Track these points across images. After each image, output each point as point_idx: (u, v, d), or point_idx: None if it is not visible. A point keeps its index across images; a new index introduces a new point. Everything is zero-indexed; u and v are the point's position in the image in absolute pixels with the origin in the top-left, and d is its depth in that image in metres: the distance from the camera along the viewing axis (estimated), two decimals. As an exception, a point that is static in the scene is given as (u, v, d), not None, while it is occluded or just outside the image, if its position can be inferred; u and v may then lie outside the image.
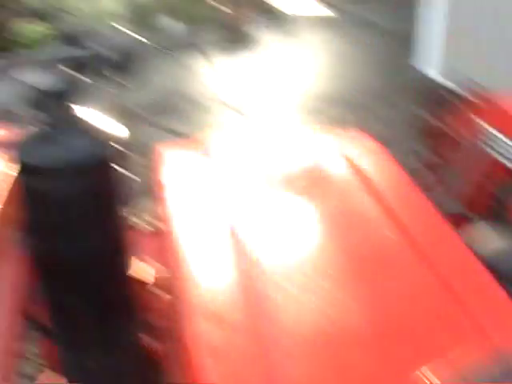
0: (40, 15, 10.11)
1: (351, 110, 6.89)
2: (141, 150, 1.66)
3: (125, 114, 1.46)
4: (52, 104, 1.32)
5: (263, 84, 7.85)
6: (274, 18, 11.15)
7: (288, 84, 7.86)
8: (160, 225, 1.71)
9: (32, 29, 9.45)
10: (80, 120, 1.37)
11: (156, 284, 1.70)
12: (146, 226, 1.94)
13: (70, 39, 1.40)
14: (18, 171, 1.47)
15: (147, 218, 1.92)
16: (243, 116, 6.69)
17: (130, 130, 1.49)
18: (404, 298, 1.21)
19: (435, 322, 1.15)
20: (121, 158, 1.42)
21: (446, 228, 1.42)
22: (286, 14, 11.29)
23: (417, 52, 7.11)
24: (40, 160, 1.32)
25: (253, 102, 6.87)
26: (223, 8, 10.83)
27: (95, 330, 1.47)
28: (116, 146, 1.38)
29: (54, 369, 2.24)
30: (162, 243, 1.66)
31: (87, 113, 1.40)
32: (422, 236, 1.38)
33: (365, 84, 7.53)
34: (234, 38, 10.05)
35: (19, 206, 1.68)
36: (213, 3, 10.93)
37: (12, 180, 1.61)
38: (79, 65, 1.39)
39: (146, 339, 1.62)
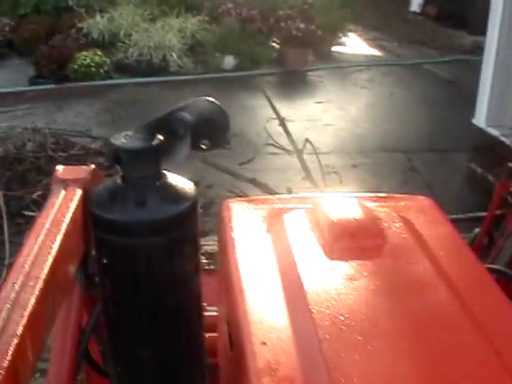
0: (101, 45, 10.37)
1: (404, 157, 6.90)
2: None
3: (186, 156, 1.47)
4: (129, 160, 1.35)
5: (316, 125, 7.91)
6: (331, 60, 11.24)
7: (341, 126, 7.90)
8: (219, 271, 1.75)
9: (92, 58, 9.65)
10: (154, 177, 1.38)
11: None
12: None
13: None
14: (88, 218, 1.50)
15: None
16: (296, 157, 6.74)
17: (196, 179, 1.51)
18: (460, 371, 1.22)
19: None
20: (191, 215, 1.43)
21: (501, 296, 1.44)
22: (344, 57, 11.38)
23: (479, 107, 6.99)
24: (111, 214, 1.35)
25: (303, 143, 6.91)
26: (280, 47, 10.96)
27: (158, 380, 1.48)
28: (186, 203, 1.39)
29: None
30: (224, 290, 1.69)
31: (162, 171, 1.41)
32: (476, 303, 1.39)
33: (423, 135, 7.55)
34: (292, 77, 10.14)
35: (85, 243, 1.72)
36: (272, 44, 11.06)
37: (79, 219, 1.65)
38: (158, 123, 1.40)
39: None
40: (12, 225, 5.23)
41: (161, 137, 1.37)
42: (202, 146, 1.44)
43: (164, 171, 1.41)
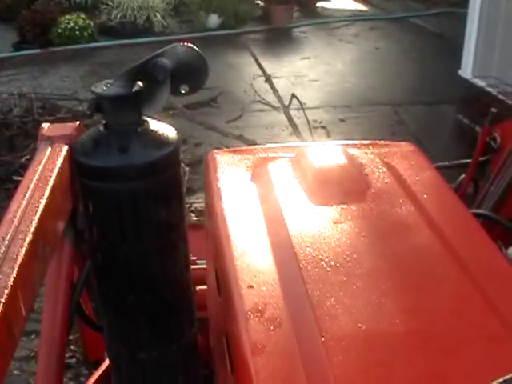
0: (84, 9, 10.28)
1: (391, 111, 6.90)
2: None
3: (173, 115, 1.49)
4: (110, 107, 1.36)
5: (303, 80, 7.89)
6: (316, 15, 11.19)
7: (328, 81, 7.89)
8: (206, 223, 1.77)
9: (75, 22, 9.57)
10: (136, 123, 1.39)
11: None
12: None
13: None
14: (74, 168, 1.51)
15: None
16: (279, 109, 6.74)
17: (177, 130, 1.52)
18: (443, 307, 1.24)
19: (474, 331, 1.20)
20: (173, 160, 1.44)
21: (486, 238, 1.46)
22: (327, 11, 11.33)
23: (465, 58, 6.99)
24: (95, 160, 1.36)
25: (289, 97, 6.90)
26: (264, 4, 10.89)
27: (148, 326, 1.50)
28: (169, 148, 1.39)
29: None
30: (207, 239, 1.71)
31: (143, 116, 1.42)
32: (461, 245, 1.41)
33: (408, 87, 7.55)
34: (277, 34, 10.10)
35: (73, 200, 1.73)
36: (256, 1, 10.99)
37: (65, 174, 1.66)
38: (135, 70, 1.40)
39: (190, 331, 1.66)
40: (1, 190, 5.23)
41: (141, 83, 1.38)
42: (182, 91, 1.45)
43: (145, 117, 1.42)
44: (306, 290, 1.24)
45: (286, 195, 1.55)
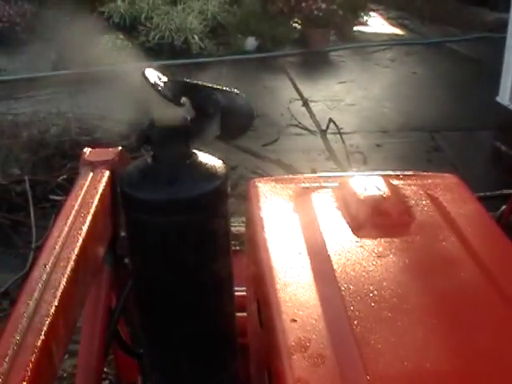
0: (122, 29, 10.36)
1: (428, 136, 6.86)
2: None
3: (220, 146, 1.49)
4: (160, 139, 1.35)
5: (339, 105, 7.88)
6: (353, 40, 11.18)
7: (364, 106, 7.87)
8: (247, 251, 1.75)
9: (114, 42, 9.65)
10: (184, 156, 1.38)
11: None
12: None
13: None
14: (120, 199, 1.51)
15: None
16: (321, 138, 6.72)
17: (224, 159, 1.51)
18: (490, 346, 1.22)
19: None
20: (221, 194, 1.43)
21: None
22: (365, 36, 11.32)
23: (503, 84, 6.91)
24: (143, 193, 1.35)
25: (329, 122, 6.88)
26: (301, 28, 10.92)
27: (190, 357, 1.49)
28: (217, 181, 1.39)
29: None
30: (248, 267, 1.70)
31: (190, 147, 1.41)
32: (505, 280, 1.39)
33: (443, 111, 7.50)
34: (314, 58, 10.11)
35: (113, 225, 1.73)
36: (293, 24, 11.02)
37: (107, 200, 1.66)
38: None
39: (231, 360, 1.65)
40: (38, 209, 5.26)
41: (185, 98, 1.37)
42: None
43: (194, 150, 1.41)
44: (351, 325, 1.22)
45: (329, 226, 1.53)
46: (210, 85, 1.42)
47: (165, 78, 1.41)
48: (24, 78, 9.28)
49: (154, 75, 1.39)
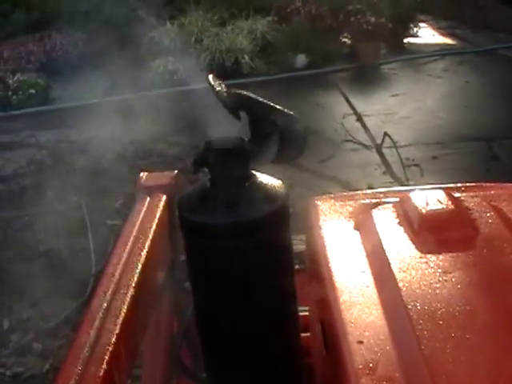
0: (172, 52, 10.45)
1: (485, 146, 6.76)
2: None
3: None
4: (217, 161, 1.33)
5: (393, 118, 7.82)
6: (403, 51, 11.12)
7: (419, 118, 7.80)
8: (308, 270, 1.73)
9: (165, 66, 9.74)
10: (243, 178, 1.36)
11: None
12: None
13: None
14: (178, 224, 1.49)
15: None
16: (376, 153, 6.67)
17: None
18: None
19: None
20: (283, 215, 1.41)
21: None
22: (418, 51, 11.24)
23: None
24: (202, 217, 1.33)
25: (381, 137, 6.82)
26: (351, 42, 10.90)
27: (255, 381, 1.46)
28: (277, 203, 1.36)
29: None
30: (310, 286, 1.67)
31: (249, 169, 1.39)
32: None
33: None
34: (365, 72, 10.07)
35: (172, 250, 1.72)
36: (343, 39, 11.01)
37: (165, 225, 1.65)
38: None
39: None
40: (96, 234, 5.30)
41: (243, 113, 1.36)
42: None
43: (252, 171, 1.39)
44: (419, 345, 1.18)
45: (392, 243, 1.49)
46: (269, 102, 1.40)
47: (225, 88, 1.40)
48: (77, 106, 9.39)
49: (216, 82, 1.38)
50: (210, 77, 1.39)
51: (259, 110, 1.38)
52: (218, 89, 1.37)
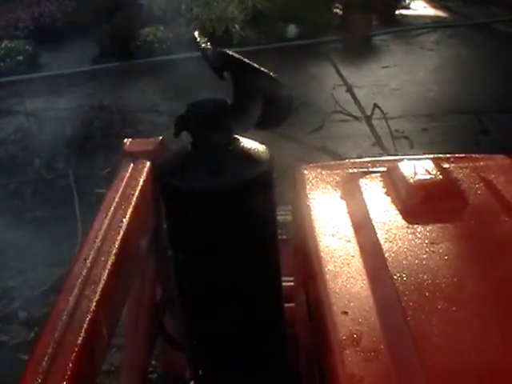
0: (162, 21, 10.37)
1: (475, 119, 6.74)
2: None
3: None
4: (199, 124, 1.30)
5: (384, 90, 7.80)
6: (395, 23, 11.08)
7: (409, 90, 7.77)
8: (294, 240, 1.71)
9: (154, 35, 9.68)
10: (226, 142, 1.33)
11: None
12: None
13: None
14: (159, 189, 1.46)
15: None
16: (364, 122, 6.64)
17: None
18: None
19: None
20: (266, 181, 1.38)
21: None
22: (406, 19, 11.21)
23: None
24: (183, 182, 1.30)
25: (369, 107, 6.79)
26: (343, 13, 10.85)
27: (237, 348, 1.44)
28: (261, 168, 1.34)
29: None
30: (295, 257, 1.65)
31: (232, 133, 1.36)
32: None
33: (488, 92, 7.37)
34: (356, 43, 10.03)
35: (155, 217, 1.69)
36: (335, 10, 10.95)
37: (148, 191, 1.63)
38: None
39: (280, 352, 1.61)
40: (83, 203, 5.27)
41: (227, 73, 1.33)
42: None
43: (236, 135, 1.36)
44: (405, 317, 1.16)
45: (379, 213, 1.47)
46: (255, 65, 1.37)
47: (210, 46, 1.36)
48: (66, 73, 9.33)
49: (202, 39, 1.34)
50: (196, 33, 1.35)
51: (244, 70, 1.35)
52: (203, 45, 1.34)
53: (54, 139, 6.35)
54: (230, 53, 1.38)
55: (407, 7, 11.70)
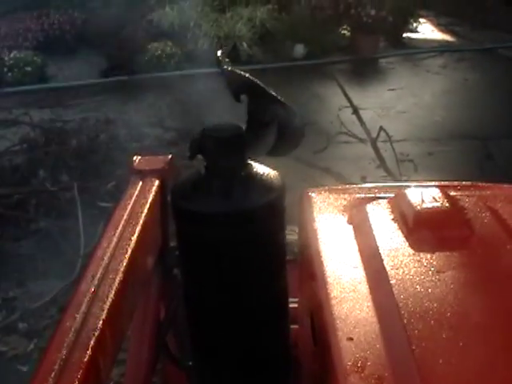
0: (171, 36, 10.41)
1: (480, 145, 6.75)
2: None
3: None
4: (214, 149, 1.30)
5: (389, 112, 7.81)
6: (402, 46, 11.10)
7: (415, 113, 7.78)
8: (300, 262, 1.71)
9: (163, 49, 9.70)
10: (239, 167, 1.34)
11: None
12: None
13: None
14: (168, 205, 1.47)
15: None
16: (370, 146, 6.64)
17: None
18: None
19: None
20: (277, 207, 1.39)
21: None
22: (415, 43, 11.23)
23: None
24: (195, 205, 1.31)
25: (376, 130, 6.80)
26: (350, 34, 10.88)
27: (242, 371, 1.45)
28: (273, 194, 1.35)
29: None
30: (300, 279, 1.66)
31: (245, 158, 1.37)
32: None
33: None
34: (363, 64, 10.05)
35: (162, 236, 1.70)
36: (342, 31, 10.98)
37: (156, 210, 1.63)
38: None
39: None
40: (86, 216, 5.27)
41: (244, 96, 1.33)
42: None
43: (249, 161, 1.37)
44: (410, 345, 1.17)
45: (386, 240, 1.48)
46: (272, 92, 1.38)
47: (231, 68, 1.38)
48: (73, 85, 9.36)
49: (224, 60, 1.35)
50: (219, 53, 1.36)
51: (261, 96, 1.36)
52: (225, 66, 1.35)
53: (59, 151, 6.36)
54: (251, 78, 1.39)
55: (415, 30, 11.72)
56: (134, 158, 1.80)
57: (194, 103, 6.96)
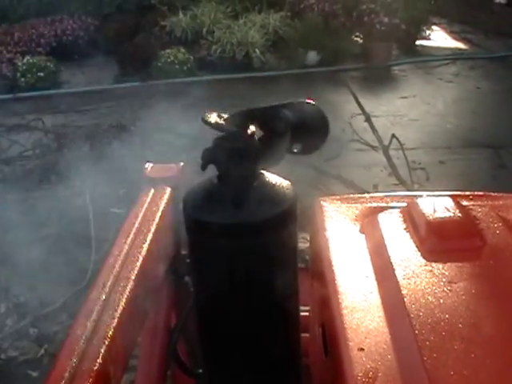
0: (183, 43, 10.44)
1: (493, 153, 6.72)
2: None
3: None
4: (226, 159, 1.30)
5: (402, 120, 7.79)
6: (415, 54, 11.09)
7: (428, 121, 7.77)
8: (311, 271, 1.71)
9: (175, 56, 9.73)
10: (252, 177, 1.33)
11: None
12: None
13: None
14: (179, 213, 1.47)
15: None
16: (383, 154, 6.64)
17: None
18: None
19: None
20: (290, 217, 1.39)
21: None
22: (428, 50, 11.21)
23: None
24: (208, 216, 1.31)
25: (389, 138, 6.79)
26: (363, 42, 10.88)
27: (252, 380, 1.44)
28: (285, 204, 1.34)
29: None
30: (311, 287, 1.65)
31: (258, 168, 1.36)
32: None
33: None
34: (376, 72, 10.04)
35: (174, 244, 1.70)
36: (355, 39, 10.98)
37: (168, 218, 1.63)
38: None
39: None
40: (98, 222, 5.28)
41: (253, 127, 1.33)
42: (294, 149, 1.39)
43: (261, 170, 1.36)
44: (421, 356, 1.16)
45: (397, 249, 1.47)
46: (275, 103, 1.37)
47: (225, 115, 1.36)
48: (85, 91, 9.39)
49: (213, 116, 1.34)
50: (206, 115, 1.35)
51: (266, 113, 1.35)
52: (217, 121, 1.34)
53: (71, 157, 6.37)
54: (245, 109, 1.38)
55: (428, 38, 11.72)
56: (146, 165, 1.80)
57: (207, 109, 6.95)
